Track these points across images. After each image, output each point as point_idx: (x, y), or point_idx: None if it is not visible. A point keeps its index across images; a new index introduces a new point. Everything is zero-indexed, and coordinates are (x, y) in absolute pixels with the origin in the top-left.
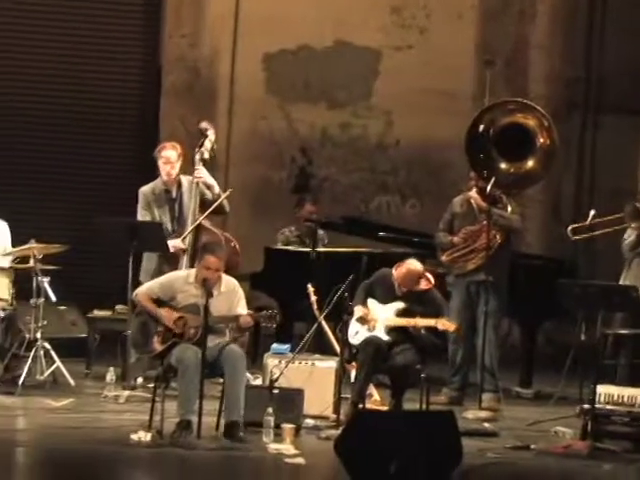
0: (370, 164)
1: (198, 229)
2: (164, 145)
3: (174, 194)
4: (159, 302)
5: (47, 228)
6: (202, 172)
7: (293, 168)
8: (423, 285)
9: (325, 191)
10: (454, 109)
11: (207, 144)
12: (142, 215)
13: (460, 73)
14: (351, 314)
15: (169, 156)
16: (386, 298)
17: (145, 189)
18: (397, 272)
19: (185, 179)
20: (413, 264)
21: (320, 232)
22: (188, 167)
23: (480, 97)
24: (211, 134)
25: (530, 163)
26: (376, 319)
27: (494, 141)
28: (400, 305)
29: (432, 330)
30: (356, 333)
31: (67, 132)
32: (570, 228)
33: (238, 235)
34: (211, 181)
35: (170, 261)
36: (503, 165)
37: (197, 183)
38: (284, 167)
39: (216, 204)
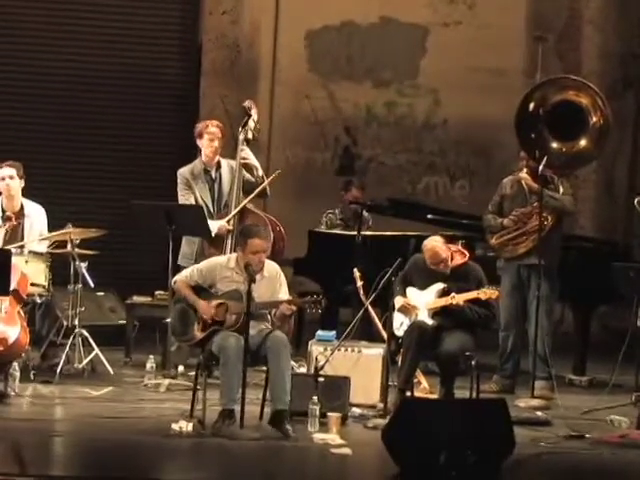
0: (417, 144)
1: (242, 212)
2: (208, 122)
3: (214, 175)
4: (199, 289)
5: (85, 212)
6: (247, 152)
7: (337, 149)
8: (458, 260)
9: (370, 172)
10: (504, 87)
11: (250, 123)
12: (183, 196)
13: (510, 49)
14: (394, 306)
15: (215, 132)
16: (425, 283)
17: (184, 170)
18: (426, 257)
19: (224, 161)
20: (429, 241)
21: (365, 215)
22: (227, 149)
23: (531, 74)
24: (254, 113)
25: (583, 142)
26: (417, 307)
27: (545, 120)
28: (439, 286)
29: (476, 302)
30: (401, 324)
31: (105, 114)
32: (637, 200)
33: (281, 219)
34: (255, 162)
35: (214, 243)
36: (555, 145)
37: (243, 165)
38: (328, 148)
39: (264, 185)
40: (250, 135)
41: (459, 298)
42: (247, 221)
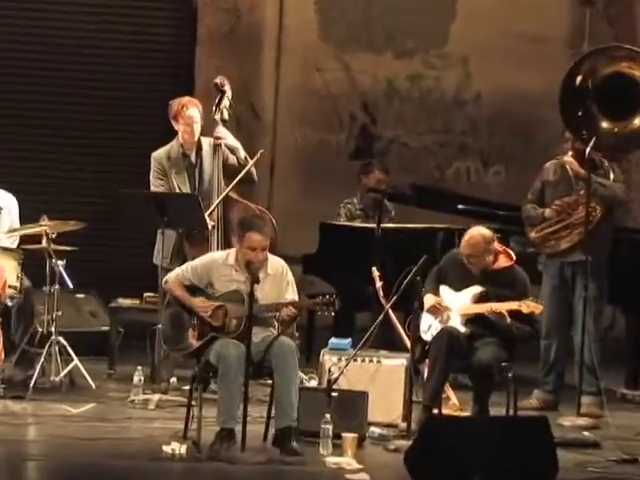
0: (445, 123)
1: (225, 202)
2: (185, 102)
3: (193, 159)
4: (194, 290)
5: (62, 202)
6: (224, 132)
7: (353, 129)
8: (502, 262)
9: (392, 156)
10: (545, 56)
11: (225, 101)
12: (157, 185)
13: (553, 14)
14: (422, 306)
15: (193, 116)
16: (461, 283)
17: (159, 154)
18: (462, 245)
19: (205, 141)
20: (473, 229)
21: (387, 204)
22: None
23: (577, 43)
24: (228, 90)
25: (637, 122)
26: (450, 308)
27: (594, 95)
28: (477, 289)
29: (517, 315)
30: (429, 327)
31: (86, 89)
32: None
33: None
34: (234, 143)
35: (195, 242)
36: (605, 124)
37: (219, 146)
38: (342, 128)
39: (247, 168)
40: (226, 115)
41: (497, 307)
42: (232, 212)
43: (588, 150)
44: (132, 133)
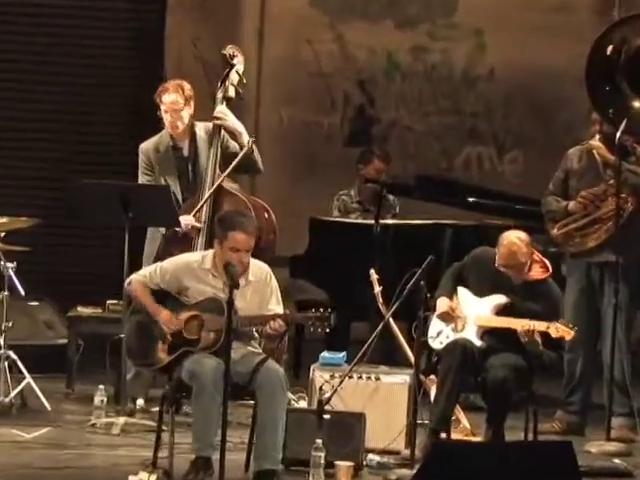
0: (454, 103)
1: (219, 195)
2: (165, 86)
3: (186, 151)
4: (164, 297)
5: (10, 196)
6: (224, 112)
7: (348, 110)
8: (536, 273)
9: (393, 141)
10: (569, 26)
11: (233, 77)
12: (144, 182)
13: None
14: (432, 308)
15: (172, 102)
16: (483, 287)
17: (146, 146)
18: (498, 256)
19: (202, 128)
20: (510, 235)
21: (389, 198)
22: (203, 113)
23: (606, 9)
24: (239, 63)
25: None
26: (465, 316)
27: (626, 70)
28: (501, 299)
29: (543, 337)
30: (438, 334)
31: (38, 64)
32: None
33: (272, 203)
34: (237, 126)
35: (179, 244)
36: (637, 103)
37: (218, 129)
38: (335, 108)
39: (238, 158)
40: (232, 92)
41: (524, 325)
42: (224, 206)
43: (619, 134)
44: (92, 117)
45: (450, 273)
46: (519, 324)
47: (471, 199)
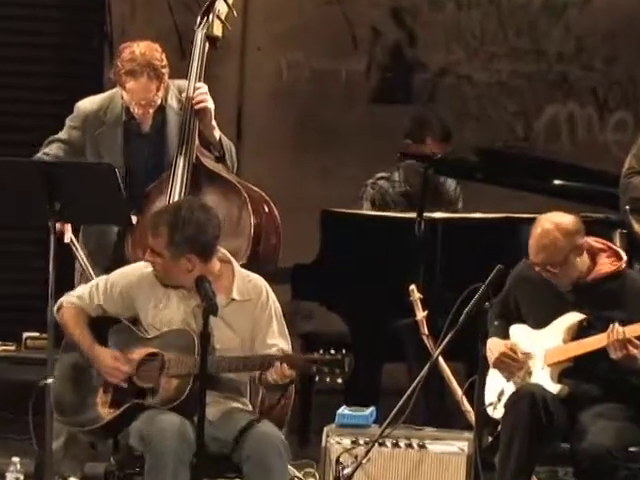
0: (531, 42)
1: (198, 178)
2: (129, 67)
3: (146, 126)
4: (105, 324)
5: None
6: (207, 93)
7: (377, 51)
8: (604, 266)
9: (443, 96)
10: None
11: (220, 6)
12: (58, 152)
13: None
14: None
15: (142, 89)
16: (542, 313)
17: (87, 106)
18: (529, 250)
19: (173, 93)
20: (545, 221)
21: (449, 182)
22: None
23: None
24: None
25: None
26: (530, 355)
27: None
28: (573, 318)
29: None
30: (499, 396)
31: None
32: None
33: (269, 192)
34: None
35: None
36: None
37: (201, 114)
38: (359, 50)
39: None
40: (218, 30)
41: (607, 336)
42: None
43: None
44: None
45: (494, 313)
46: (604, 338)
47: (557, 181)
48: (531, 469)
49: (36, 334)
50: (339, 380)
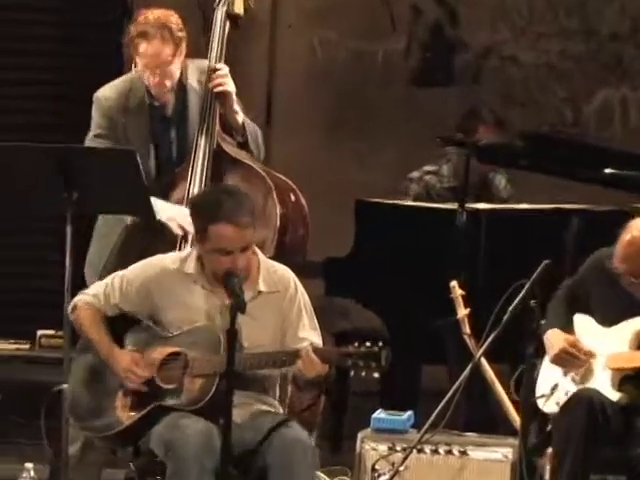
0: (583, 21)
1: (220, 165)
2: (141, 29)
3: (169, 110)
4: (124, 323)
5: None
6: (228, 75)
7: (417, 31)
8: None
9: (488, 78)
10: None
11: None
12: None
13: None
14: (539, 351)
15: (155, 54)
16: (614, 311)
17: (107, 94)
18: (617, 254)
19: (194, 73)
20: (636, 227)
21: (498, 178)
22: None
23: None
24: None
25: None
26: (594, 355)
27: None
28: None
29: None
30: (553, 390)
31: None
32: None
33: (298, 180)
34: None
35: (159, 243)
36: None
37: (223, 97)
38: (398, 30)
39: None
40: (239, 7)
41: None
42: (229, 182)
43: None
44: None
45: (560, 297)
46: None
47: (608, 170)
48: (587, 475)
49: (51, 332)
50: (375, 374)
